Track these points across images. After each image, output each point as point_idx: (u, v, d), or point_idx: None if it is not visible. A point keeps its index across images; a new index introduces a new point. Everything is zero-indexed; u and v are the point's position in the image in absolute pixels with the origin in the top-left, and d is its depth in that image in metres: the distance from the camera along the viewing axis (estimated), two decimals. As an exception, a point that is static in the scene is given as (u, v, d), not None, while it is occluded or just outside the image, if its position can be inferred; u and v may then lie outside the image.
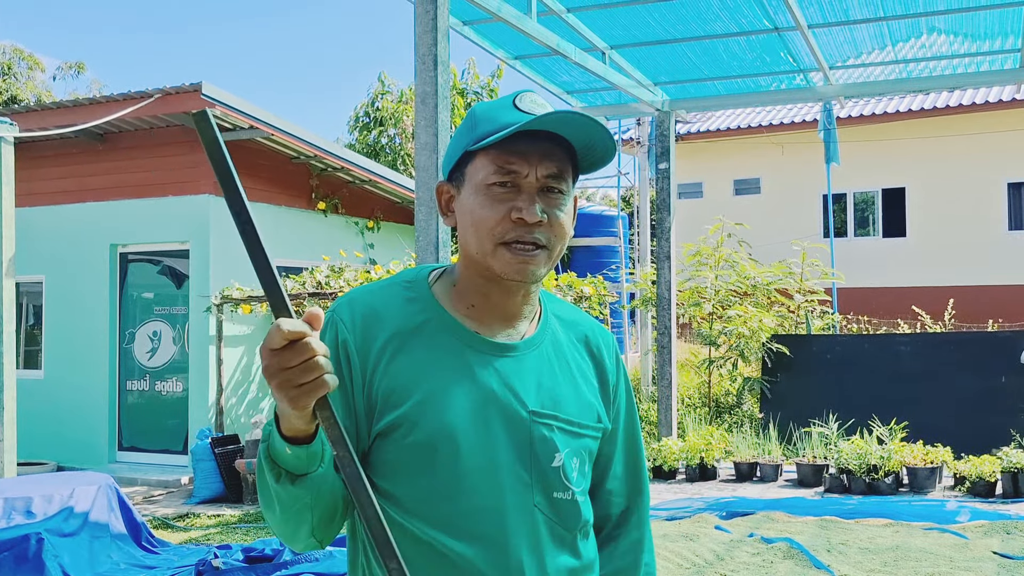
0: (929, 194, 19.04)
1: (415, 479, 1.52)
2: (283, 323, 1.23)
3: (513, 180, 1.52)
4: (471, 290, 1.61)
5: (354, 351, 1.54)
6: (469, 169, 1.56)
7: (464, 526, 1.50)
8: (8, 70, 28.01)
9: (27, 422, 9.10)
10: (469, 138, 1.56)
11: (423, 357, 1.54)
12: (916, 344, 11.20)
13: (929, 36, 9.05)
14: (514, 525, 1.52)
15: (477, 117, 1.57)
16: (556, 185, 1.55)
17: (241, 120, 9.96)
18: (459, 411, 1.52)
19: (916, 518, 7.28)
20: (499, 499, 1.52)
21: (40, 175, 10.96)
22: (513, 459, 1.53)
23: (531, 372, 1.59)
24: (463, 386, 1.53)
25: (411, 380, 1.53)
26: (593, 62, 8.63)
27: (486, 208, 1.53)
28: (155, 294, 10.98)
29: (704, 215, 16.23)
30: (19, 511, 6.35)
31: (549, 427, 1.56)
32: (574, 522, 1.59)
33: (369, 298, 1.60)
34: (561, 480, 1.56)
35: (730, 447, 9.81)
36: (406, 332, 1.56)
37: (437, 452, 1.50)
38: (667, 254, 10.48)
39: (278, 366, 1.24)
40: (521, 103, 1.56)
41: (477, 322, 1.60)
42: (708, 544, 6.54)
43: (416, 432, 1.50)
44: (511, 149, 1.51)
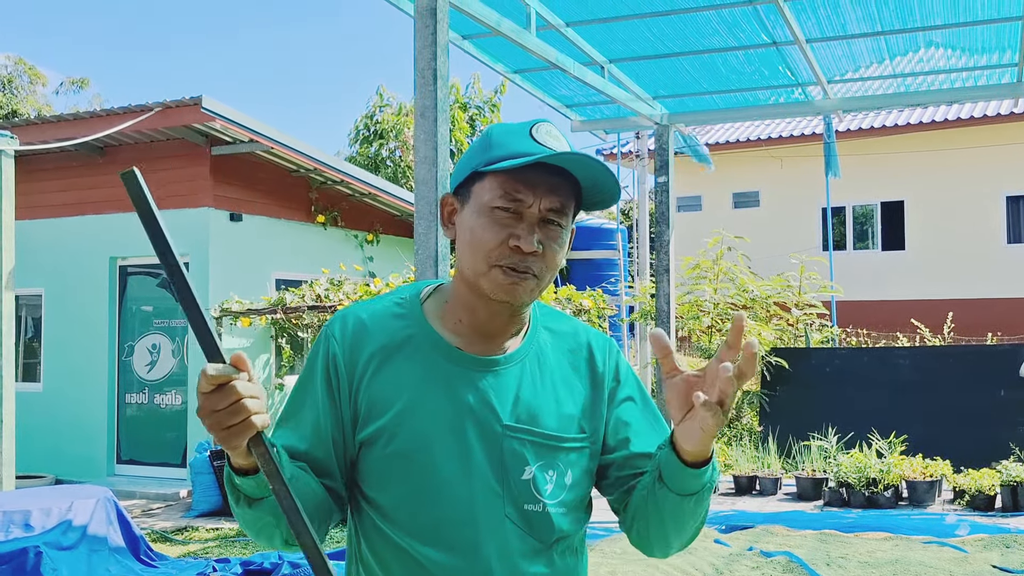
0: (928, 207, 19.07)
1: (393, 487, 1.59)
2: (208, 368, 1.31)
3: (517, 208, 1.56)
4: (460, 306, 1.66)
5: (342, 364, 1.62)
6: (476, 188, 1.60)
7: (437, 534, 1.57)
8: (9, 83, 28.06)
9: (26, 435, 9.09)
10: (481, 158, 1.60)
11: (405, 371, 1.61)
12: (915, 357, 11.20)
13: (927, 50, 9.08)
14: (485, 535, 1.57)
15: (492, 140, 1.61)
16: (557, 219, 1.59)
17: (241, 133, 9.98)
18: (435, 423, 1.58)
19: (916, 532, 7.28)
20: (471, 509, 1.57)
21: (40, 188, 10.98)
22: (486, 471, 1.58)
23: (510, 386, 1.63)
24: (441, 399, 1.59)
25: (393, 392, 1.60)
26: (592, 76, 8.65)
27: (487, 230, 1.57)
28: (154, 307, 10.98)
29: (703, 228, 16.25)
30: (17, 524, 6.34)
31: (521, 441, 1.60)
32: (547, 534, 1.61)
33: (361, 313, 1.68)
34: (532, 493, 1.60)
35: (729, 460, 9.81)
36: (391, 347, 1.63)
37: (413, 461, 1.58)
38: (666, 267, 10.49)
39: (207, 409, 1.33)
40: (537, 133, 1.59)
41: (462, 338, 1.65)
42: (707, 558, 6.53)
43: (395, 442, 1.58)
44: (520, 178, 1.56)
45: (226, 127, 9.74)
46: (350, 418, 1.62)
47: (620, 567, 6.24)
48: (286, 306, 9.94)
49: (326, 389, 1.63)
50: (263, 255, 11.04)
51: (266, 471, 1.36)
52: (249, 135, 10.02)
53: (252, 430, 1.33)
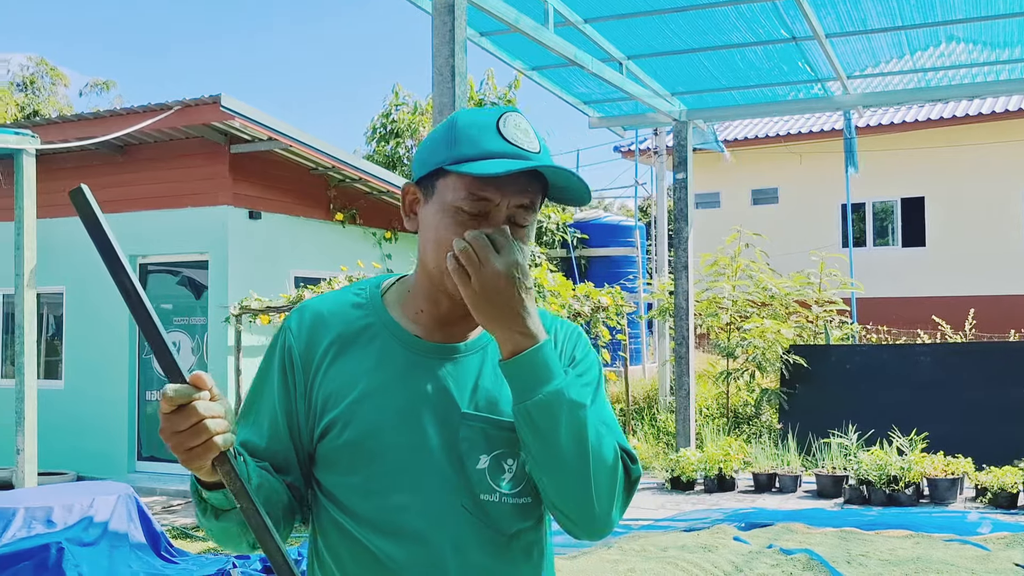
0: (949, 203, 18.94)
1: (347, 477, 1.57)
2: (168, 389, 1.30)
3: (483, 208, 1.51)
4: (422, 297, 1.62)
5: (298, 357, 1.60)
6: (440, 184, 1.54)
7: (389, 524, 1.54)
8: (31, 84, 28.24)
9: (47, 433, 9.15)
10: (447, 155, 1.53)
11: (361, 360, 1.59)
12: (936, 354, 11.12)
13: (948, 45, 9.02)
14: (439, 525, 1.53)
15: (458, 133, 1.54)
16: (524, 216, 1.54)
17: (260, 132, 10.00)
18: (390, 412, 1.55)
19: (937, 529, 7.23)
20: (424, 498, 1.54)
21: (61, 187, 10.93)
22: (442, 460, 1.54)
23: (470, 374, 1.60)
24: (397, 388, 1.56)
25: (348, 382, 1.58)
26: (610, 72, 8.64)
27: (450, 230, 1.51)
28: (174, 305, 11.04)
29: (721, 225, 16.19)
30: (40, 520, 6.39)
31: (478, 429, 1.56)
32: (505, 525, 1.57)
33: (319, 305, 1.66)
34: (487, 482, 1.56)
35: (749, 458, 9.76)
36: (348, 336, 1.61)
37: (365, 450, 1.55)
38: (685, 264, 10.46)
39: (169, 430, 1.31)
40: (505, 128, 1.52)
41: (422, 327, 1.62)
42: (727, 555, 6.50)
43: (347, 431, 1.55)
44: (488, 178, 1.49)
45: (245, 125, 9.77)
46: (306, 411, 1.59)
47: (639, 564, 6.23)
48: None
49: (282, 383, 1.61)
50: (282, 253, 11.07)
51: (232, 490, 1.34)
52: (268, 133, 10.04)
53: (214, 451, 1.32)
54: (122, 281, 1.27)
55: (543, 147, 1.56)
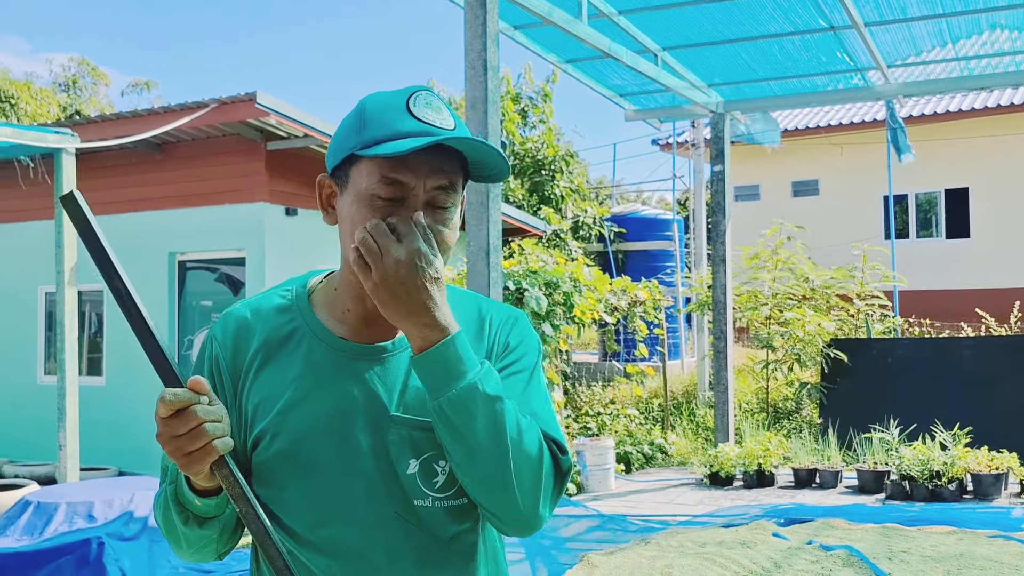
0: (993, 194, 18.62)
1: (278, 490, 1.51)
2: (166, 393, 1.28)
3: (399, 192, 1.44)
4: (347, 295, 1.55)
5: (225, 367, 1.56)
6: (353, 172, 1.48)
7: (323, 539, 1.49)
8: (73, 84, 28.62)
9: (89, 429, 9.25)
10: (356, 140, 1.46)
11: (288, 367, 1.53)
12: (980, 348, 10.94)
13: (991, 33, 8.84)
14: (372, 535, 1.48)
15: (367, 116, 1.47)
16: (444, 198, 1.47)
17: (295, 128, 10.05)
18: (318, 419, 1.49)
19: (981, 525, 7.10)
20: (355, 509, 1.48)
21: (100, 185, 11.15)
22: (372, 467, 1.48)
23: (398, 375, 1.53)
24: (325, 394, 1.50)
25: (276, 390, 1.52)
26: (645, 64, 8.57)
27: (366, 220, 1.43)
28: (212, 301, 11.12)
29: (761, 218, 16.02)
30: (81, 515, 6.46)
31: (407, 432, 1.49)
32: (441, 529, 1.51)
33: (243, 311, 1.60)
34: (419, 487, 1.49)
35: (788, 453, 9.66)
36: (274, 342, 1.55)
37: (294, 461, 1.49)
38: (723, 257, 10.37)
39: (167, 434, 1.29)
40: (416, 107, 1.45)
41: (349, 327, 1.55)
42: (765, 551, 6.43)
43: (276, 442, 1.50)
44: (400, 160, 1.42)
45: (281, 122, 9.81)
46: (237, 423, 1.54)
47: (677, 560, 6.17)
48: (341, 299, 9.98)
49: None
50: (318, 249, 11.09)
51: (232, 494, 1.32)
52: (303, 130, 10.08)
53: (213, 455, 1.30)
54: (116, 286, 1.26)
55: (459, 124, 1.48)
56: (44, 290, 11.91)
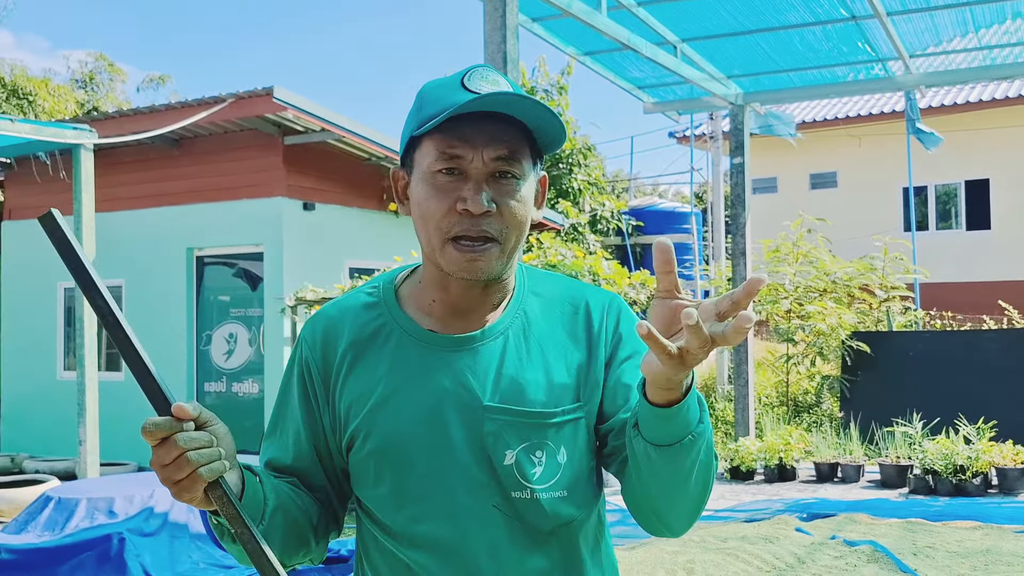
0: (1015, 185, 18.46)
1: (375, 489, 1.50)
2: (147, 423, 1.24)
3: (459, 166, 1.41)
4: (432, 285, 1.52)
5: (316, 371, 1.54)
6: (416, 155, 1.47)
7: (420, 535, 1.46)
8: (91, 80, 28.71)
9: (108, 424, 9.27)
10: (415, 121, 1.46)
11: (377, 364, 1.51)
12: (1004, 340, 10.82)
13: (1014, 21, 8.73)
14: (469, 529, 1.45)
15: (424, 98, 1.47)
16: (508, 169, 1.42)
17: (313, 123, 10.03)
18: (410, 415, 1.47)
19: (1007, 520, 7.02)
20: (452, 503, 1.45)
21: (118, 181, 11.18)
22: (468, 459, 1.45)
23: (490, 363, 1.49)
24: (416, 388, 1.48)
25: (366, 389, 1.50)
26: (664, 56, 8.50)
27: (432, 199, 1.43)
28: (231, 296, 11.13)
29: (779, 210, 15.94)
30: (101, 511, 6.47)
31: (502, 422, 1.45)
32: (542, 522, 1.46)
33: (332, 311, 1.58)
34: (516, 479, 1.45)
35: (810, 447, 9.59)
36: (362, 340, 1.53)
37: (389, 459, 1.47)
38: (743, 250, 10.29)
39: (157, 463, 1.26)
40: (470, 81, 1.43)
41: (436, 318, 1.52)
42: (788, 547, 6.37)
43: (369, 441, 1.48)
44: (455, 133, 1.40)
45: (298, 116, 9.80)
46: (331, 424, 1.53)
47: (699, 555, 6.13)
48: (360, 294, 9.97)
49: (302, 398, 1.55)
50: (336, 243, 11.11)
51: (226, 515, 1.28)
52: (321, 124, 10.07)
53: (200, 483, 1.25)
54: (98, 304, 1.21)
55: (516, 90, 1.43)
56: (63, 286, 11.94)
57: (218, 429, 1.30)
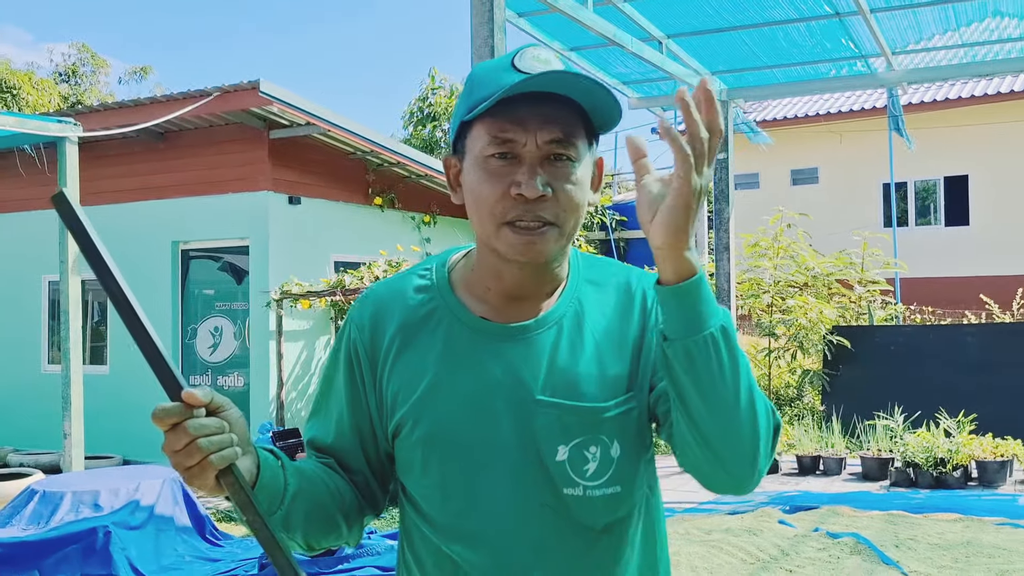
0: (994, 181, 18.59)
1: (420, 478, 1.47)
2: (156, 409, 1.22)
3: (512, 150, 1.37)
4: (486, 271, 1.48)
5: (363, 353, 1.50)
6: (469, 140, 1.42)
7: (466, 528, 1.44)
8: (74, 74, 28.52)
9: (93, 417, 9.24)
10: (465, 106, 1.42)
11: (427, 350, 1.47)
12: (983, 335, 10.94)
13: (995, 20, 8.82)
14: (518, 526, 1.42)
15: (475, 80, 1.42)
16: (563, 151, 1.37)
17: (298, 116, 10.02)
18: (459, 404, 1.43)
19: (987, 513, 7.11)
20: (499, 498, 1.42)
21: (103, 174, 11.12)
22: (517, 454, 1.42)
23: (543, 354, 1.44)
24: (466, 377, 1.44)
25: (415, 375, 1.46)
26: (650, 52, 8.54)
27: (485, 184, 1.39)
28: (216, 290, 11.11)
29: (761, 206, 16.00)
30: (87, 504, 6.46)
31: (554, 417, 1.41)
32: (593, 520, 1.43)
33: (382, 291, 1.55)
34: (569, 475, 1.41)
35: (792, 440, 9.67)
36: (412, 324, 1.49)
37: (437, 448, 1.44)
38: (726, 245, 10.36)
39: (168, 449, 1.24)
40: (521, 61, 1.38)
41: (490, 306, 1.48)
42: (772, 539, 6.44)
43: (417, 429, 1.45)
44: (507, 116, 1.36)
45: (283, 110, 9.78)
46: (377, 407, 1.50)
47: (684, 548, 6.18)
48: (345, 288, 9.98)
49: (348, 379, 1.52)
50: (322, 238, 11.10)
51: (237, 503, 1.26)
52: (306, 118, 10.05)
53: (211, 471, 1.23)
54: (111, 287, 1.20)
55: (569, 70, 1.38)
56: (47, 279, 11.89)
57: (231, 415, 1.27)
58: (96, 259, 1.20)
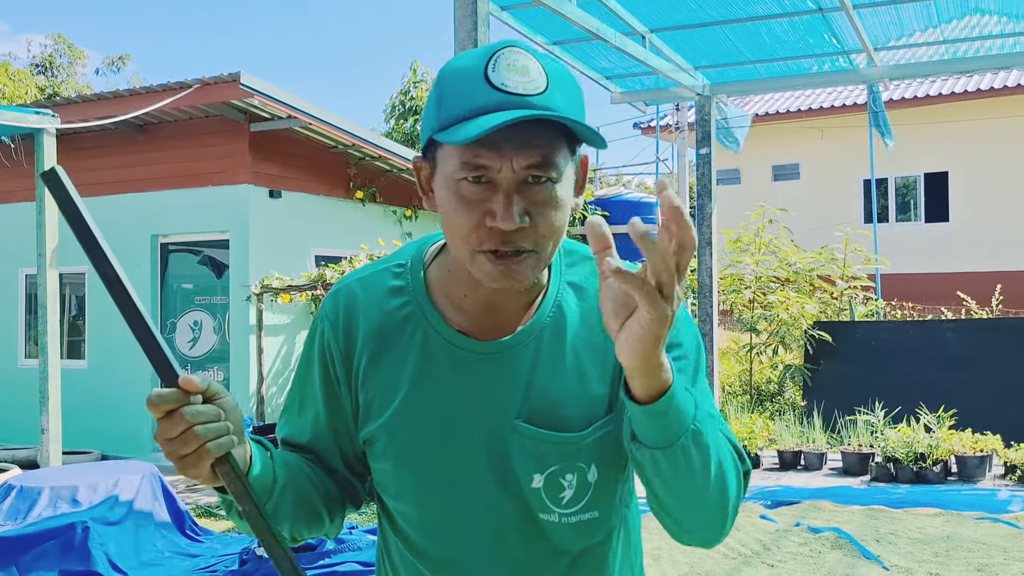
0: (973, 178, 18.72)
1: (395, 496, 1.44)
2: (152, 395, 1.19)
3: (486, 175, 1.24)
4: (462, 278, 1.38)
5: (337, 351, 1.43)
6: (439, 154, 1.30)
7: (440, 552, 1.41)
8: (51, 65, 28.30)
9: (71, 412, 9.17)
10: (435, 119, 1.28)
11: (402, 362, 1.40)
12: (963, 330, 11.00)
13: (976, 16, 8.84)
14: (495, 551, 1.39)
15: (444, 88, 1.28)
16: (541, 174, 1.24)
17: (279, 110, 9.96)
18: (434, 424, 1.38)
19: (967, 507, 7.15)
20: (475, 523, 1.39)
21: (81, 167, 11.03)
22: (492, 478, 1.37)
23: (521, 375, 1.37)
24: (441, 395, 1.38)
25: (387, 389, 1.40)
26: (633, 46, 8.51)
27: (458, 211, 1.26)
28: (195, 284, 11.04)
29: (742, 201, 16.05)
30: (65, 500, 6.41)
31: (531, 445, 1.36)
32: (570, 544, 1.40)
33: (356, 287, 1.46)
34: (544, 502, 1.37)
35: (773, 435, 9.69)
36: (387, 330, 1.41)
37: (408, 469, 1.40)
38: (708, 240, 10.36)
39: (161, 437, 1.20)
40: (494, 73, 1.23)
41: (467, 315, 1.40)
42: (754, 534, 6.45)
43: (391, 446, 1.40)
44: (480, 140, 1.20)
45: (264, 103, 9.72)
46: (352, 410, 1.44)
47: (664, 543, 6.18)
48: (326, 282, 9.94)
49: (323, 376, 1.45)
50: (302, 231, 11.05)
51: (232, 492, 1.24)
52: (287, 111, 9.99)
53: (207, 458, 1.19)
54: (104, 270, 1.15)
55: (551, 82, 1.26)
56: (24, 272, 11.78)
57: (226, 403, 1.24)
58: (89, 240, 1.15)
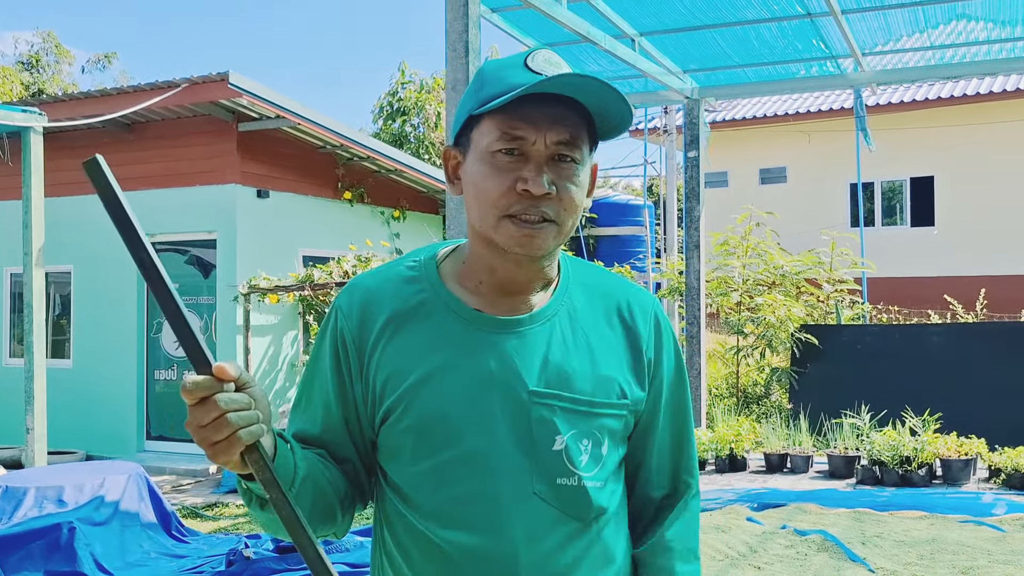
0: (959, 182, 18.81)
1: (410, 465, 1.47)
2: (186, 381, 1.21)
3: (520, 147, 1.41)
4: (478, 265, 1.51)
5: (350, 341, 1.50)
6: (475, 134, 1.46)
7: (455, 514, 1.44)
8: (37, 62, 28.16)
9: (56, 412, 9.14)
10: (475, 100, 1.45)
11: (420, 338, 1.48)
12: (948, 334, 11.06)
13: (963, 22, 8.90)
14: (509, 513, 1.43)
15: (485, 77, 1.46)
16: (568, 153, 1.43)
17: (268, 109, 9.94)
18: (453, 393, 1.45)
19: (951, 510, 7.19)
20: (493, 486, 1.43)
21: (69, 165, 10.95)
22: (511, 443, 1.44)
23: (537, 348, 1.48)
24: (460, 367, 1.46)
25: (407, 363, 1.47)
26: (623, 49, 8.54)
27: (490, 178, 1.42)
28: (182, 284, 11.00)
29: (729, 204, 16.09)
30: (51, 500, 6.37)
31: (550, 408, 1.45)
32: (584, 511, 1.47)
33: (370, 282, 1.55)
34: (564, 465, 1.45)
35: (760, 438, 9.72)
36: (403, 313, 1.50)
37: (428, 437, 1.45)
38: (696, 243, 10.39)
39: (194, 424, 1.23)
40: (533, 62, 1.43)
41: (483, 298, 1.51)
42: (740, 536, 6.47)
43: (408, 416, 1.46)
44: (518, 113, 1.40)
45: (253, 103, 9.70)
46: (363, 397, 1.50)
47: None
48: (314, 283, 9.92)
49: (334, 368, 1.51)
50: (290, 232, 11.02)
51: (262, 480, 1.26)
52: (276, 111, 9.98)
53: (238, 446, 1.23)
54: (141, 257, 1.18)
55: (568, 72, 1.43)
56: (10, 271, 11.72)
57: (256, 391, 1.28)
58: (128, 228, 1.19)
